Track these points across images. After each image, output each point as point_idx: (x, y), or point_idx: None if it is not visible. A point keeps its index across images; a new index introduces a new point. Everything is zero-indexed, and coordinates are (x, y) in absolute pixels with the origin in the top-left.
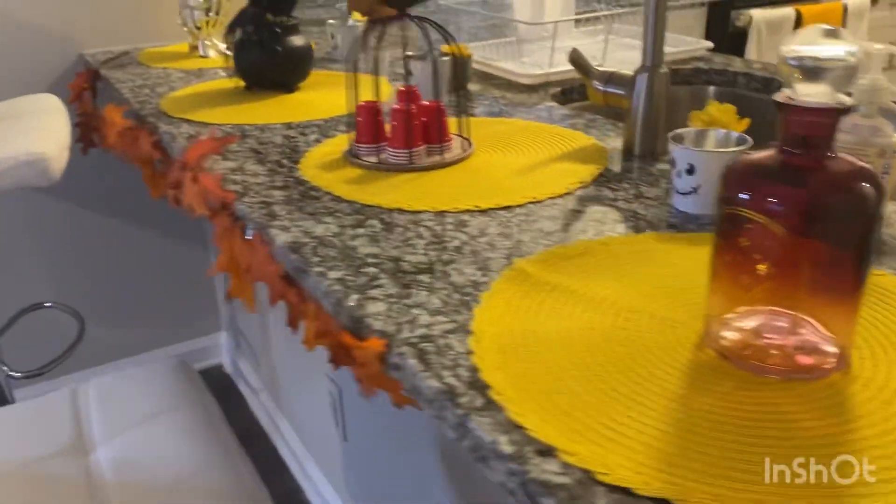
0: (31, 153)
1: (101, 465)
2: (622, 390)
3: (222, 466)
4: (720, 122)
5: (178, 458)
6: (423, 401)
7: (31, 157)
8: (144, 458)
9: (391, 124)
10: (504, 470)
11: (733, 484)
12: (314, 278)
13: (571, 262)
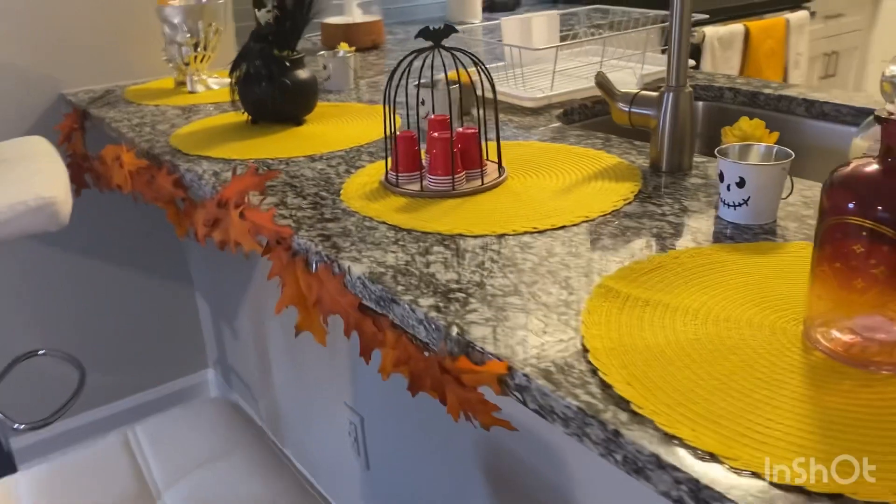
0: (41, 198)
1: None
2: (754, 395)
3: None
4: (753, 136)
5: (252, 496)
6: (558, 419)
7: (41, 202)
8: (216, 499)
9: (430, 152)
10: (670, 479)
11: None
12: (404, 307)
13: (652, 277)
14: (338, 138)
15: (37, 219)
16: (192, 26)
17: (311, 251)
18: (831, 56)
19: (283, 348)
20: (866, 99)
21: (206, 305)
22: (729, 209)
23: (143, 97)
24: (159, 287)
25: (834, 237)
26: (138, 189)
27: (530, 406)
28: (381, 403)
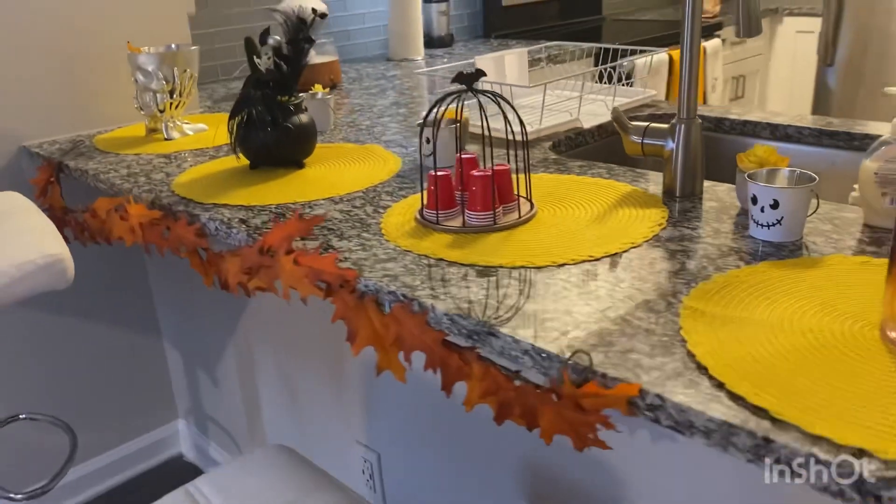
0: (48, 255)
1: None
2: (868, 393)
3: None
4: (768, 161)
5: None
6: (698, 433)
7: (50, 260)
8: None
9: (469, 189)
10: (827, 475)
11: None
12: (505, 339)
13: (724, 296)
14: (346, 180)
15: (46, 277)
16: (167, 73)
17: (383, 291)
18: (739, 79)
19: (279, 390)
20: (824, 122)
21: (176, 354)
22: (762, 229)
23: (117, 146)
24: (124, 339)
25: None
26: (151, 241)
27: (664, 423)
28: (400, 439)
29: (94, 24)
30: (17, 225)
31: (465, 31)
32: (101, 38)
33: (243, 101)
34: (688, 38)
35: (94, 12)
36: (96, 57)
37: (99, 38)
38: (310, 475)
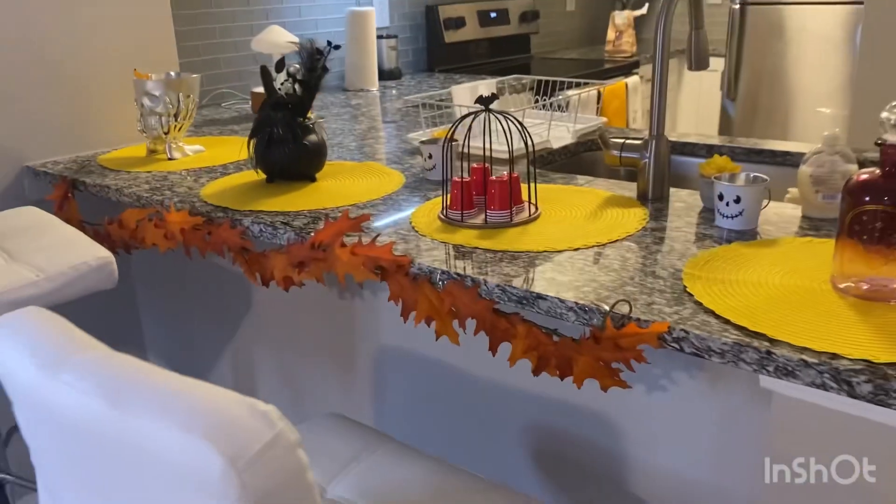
0: (100, 258)
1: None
2: (830, 322)
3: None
4: (726, 168)
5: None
6: (714, 355)
7: (101, 262)
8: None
9: (489, 192)
10: (815, 373)
11: None
12: (552, 300)
13: (712, 265)
14: (360, 191)
15: (97, 278)
16: (172, 98)
17: (437, 272)
18: None
19: (280, 388)
20: (751, 143)
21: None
22: (727, 219)
23: (123, 165)
24: None
25: (857, 219)
26: (193, 244)
27: (687, 350)
28: (410, 421)
29: (95, 51)
30: (58, 233)
31: (410, 65)
32: (101, 65)
33: (264, 121)
34: (658, 71)
35: (96, 40)
36: (96, 82)
37: (99, 64)
38: (369, 434)
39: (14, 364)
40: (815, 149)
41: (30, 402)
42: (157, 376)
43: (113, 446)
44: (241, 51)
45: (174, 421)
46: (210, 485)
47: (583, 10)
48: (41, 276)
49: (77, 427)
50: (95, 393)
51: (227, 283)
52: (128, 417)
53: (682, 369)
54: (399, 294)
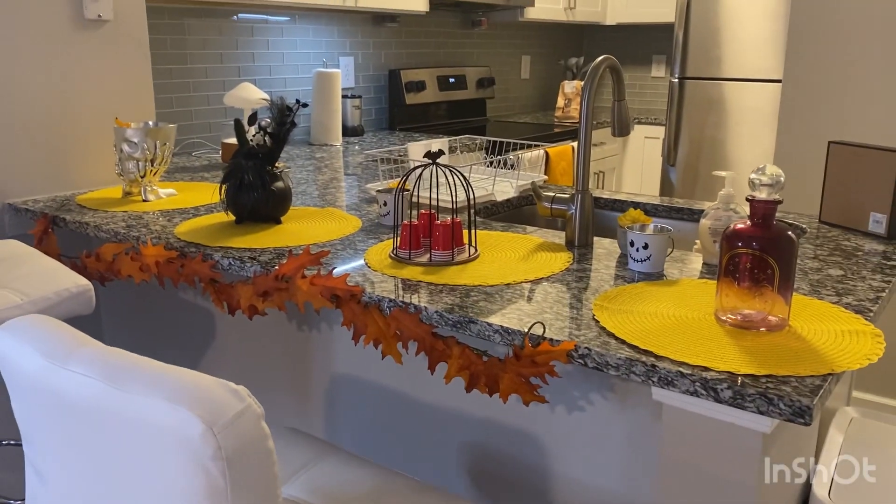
0: (79, 285)
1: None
2: (707, 344)
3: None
4: (639, 220)
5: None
6: (611, 368)
7: (81, 289)
8: (335, 483)
9: (433, 234)
10: (689, 382)
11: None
12: (481, 324)
13: (618, 299)
14: (320, 232)
15: (77, 303)
16: (150, 145)
17: (385, 300)
18: (599, 174)
19: None
20: (671, 201)
21: None
22: (637, 263)
23: (100, 205)
24: None
25: (732, 261)
26: (167, 275)
27: (590, 365)
28: (360, 434)
29: (77, 98)
30: (40, 263)
31: (372, 123)
32: (82, 111)
33: (236, 168)
34: (583, 136)
35: (78, 88)
36: (77, 127)
37: (80, 110)
38: (319, 445)
39: (20, 358)
40: (713, 205)
41: (34, 389)
42: (148, 363)
43: (111, 420)
44: (213, 104)
45: (163, 395)
46: (191, 445)
47: (536, 79)
48: (25, 300)
49: (80, 407)
50: (99, 377)
51: (191, 314)
52: (125, 395)
53: (597, 391)
54: (351, 319)
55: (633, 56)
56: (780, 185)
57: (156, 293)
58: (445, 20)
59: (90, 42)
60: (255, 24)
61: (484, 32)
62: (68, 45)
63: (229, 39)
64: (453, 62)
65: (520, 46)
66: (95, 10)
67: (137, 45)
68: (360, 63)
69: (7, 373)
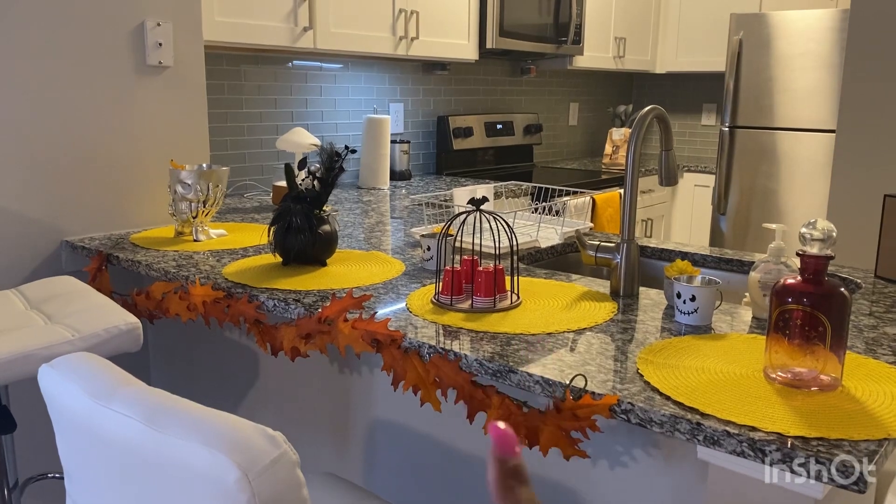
0: (129, 323)
1: None
2: (756, 402)
3: None
4: (687, 271)
5: None
6: (654, 425)
7: (130, 326)
8: None
9: (475, 281)
10: (735, 442)
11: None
12: (521, 374)
13: (664, 353)
14: (364, 276)
15: (126, 340)
16: (203, 187)
17: (425, 346)
18: (647, 221)
19: None
20: (721, 252)
21: None
22: (684, 315)
23: (152, 244)
24: None
25: (782, 317)
26: (213, 315)
27: (633, 420)
28: (397, 482)
29: (135, 140)
30: (92, 300)
31: (420, 168)
32: (139, 152)
33: (285, 211)
34: (629, 185)
35: (136, 130)
36: (133, 168)
37: (137, 152)
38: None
39: (66, 395)
40: (763, 258)
41: (78, 427)
42: (187, 406)
43: (148, 461)
44: (266, 147)
45: (200, 439)
46: (226, 491)
47: (584, 125)
48: (76, 336)
49: (120, 446)
50: (139, 418)
51: (234, 354)
52: (163, 437)
53: (641, 447)
54: (391, 364)
55: (683, 104)
56: (832, 241)
57: (201, 332)
58: (494, 68)
59: (150, 87)
60: (309, 71)
61: (532, 80)
62: (130, 89)
63: (284, 85)
64: (501, 109)
65: (568, 94)
66: (157, 57)
67: (195, 90)
68: (410, 109)
69: (53, 409)
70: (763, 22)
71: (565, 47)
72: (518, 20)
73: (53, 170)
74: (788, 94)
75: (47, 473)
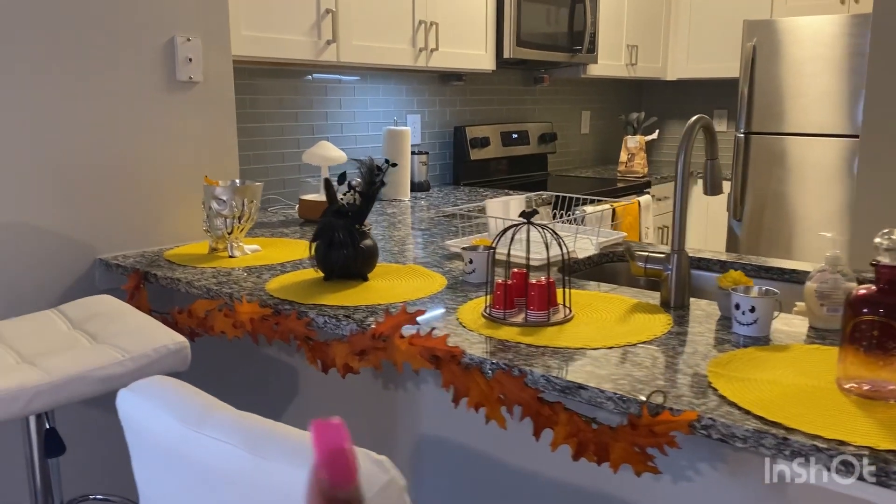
0: (178, 342)
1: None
2: (838, 416)
3: None
4: (741, 281)
5: None
6: (737, 440)
7: (179, 346)
8: None
9: (530, 294)
10: (825, 457)
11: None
12: (592, 391)
13: (731, 366)
14: (408, 290)
15: (175, 360)
16: (238, 202)
17: (487, 362)
18: (663, 229)
19: None
20: (762, 260)
21: None
22: (743, 326)
23: (188, 261)
24: None
25: (857, 328)
26: (261, 332)
27: (714, 437)
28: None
29: (166, 158)
30: (134, 319)
31: (437, 178)
32: (171, 170)
33: (327, 226)
34: (679, 193)
35: (167, 148)
36: (166, 185)
37: (168, 169)
38: None
39: (150, 420)
40: (819, 267)
41: (164, 452)
42: (286, 430)
43: (248, 487)
44: (287, 161)
45: (304, 465)
46: None
47: (596, 133)
48: (126, 356)
49: (215, 472)
50: (237, 443)
51: (272, 371)
52: (265, 462)
53: (706, 461)
54: (451, 381)
55: (693, 111)
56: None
57: (236, 348)
58: (508, 78)
59: (180, 103)
60: (328, 84)
61: (545, 89)
62: (160, 105)
63: (305, 99)
64: (516, 118)
65: (580, 102)
66: (187, 73)
67: (224, 105)
68: (427, 120)
69: (134, 434)
70: (775, 28)
71: (580, 56)
72: (534, 29)
73: (85, 187)
74: (801, 100)
75: (89, 495)
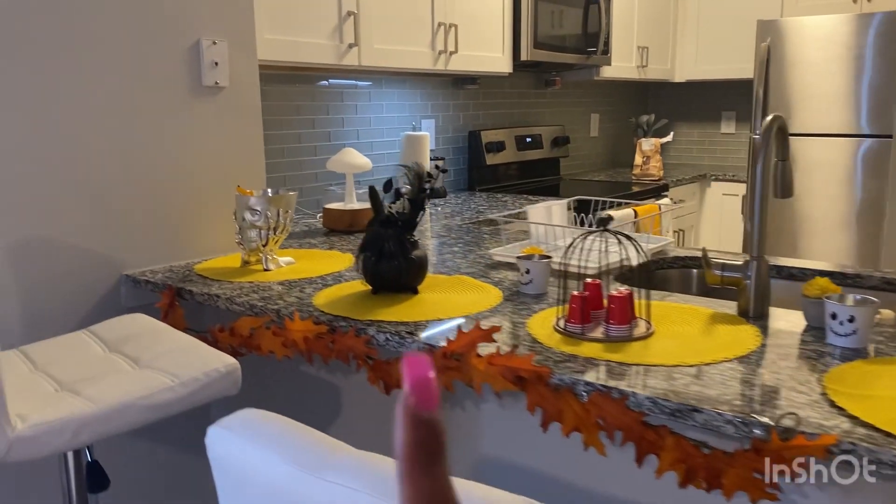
0: (229, 364)
1: None
2: None
3: None
4: (828, 289)
5: None
6: (885, 467)
7: (230, 368)
8: None
9: (610, 306)
10: None
11: None
12: (709, 413)
13: (848, 382)
14: (464, 303)
15: (226, 384)
16: (273, 213)
17: (580, 383)
18: (679, 232)
19: None
20: (802, 263)
21: None
22: (840, 338)
23: (222, 275)
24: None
25: None
26: (317, 352)
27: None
28: None
29: (193, 168)
30: (175, 339)
31: (452, 184)
32: (198, 181)
33: (376, 237)
34: (758, 199)
35: (193, 155)
36: (193, 196)
37: (196, 180)
38: None
39: (260, 463)
40: None
41: (272, 498)
42: None
43: None
44: (305, 169)
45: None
46: None
47: (605, 136)
48: (176, 382)
49: None
50: (367, 490)
51: (313, 389)
52: None
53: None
54: (538, 403)
55: (700, 112)
56: None
57: (275, 367)
58: (521, 80)
59: (206, 109)
60: (344, 90)
61: (555, 91)
62: (186, 112)
63: (320, 105)
64: (527, 122)
65: (589, 105)
66: (213, 78)
67: (251, 111)
68: (441, 125)
69: (226, 475)
70: (786, 28)
71: (594, 58)
72: (550, 31)
73: (108, 199)
74: (813, 100)
75: None
